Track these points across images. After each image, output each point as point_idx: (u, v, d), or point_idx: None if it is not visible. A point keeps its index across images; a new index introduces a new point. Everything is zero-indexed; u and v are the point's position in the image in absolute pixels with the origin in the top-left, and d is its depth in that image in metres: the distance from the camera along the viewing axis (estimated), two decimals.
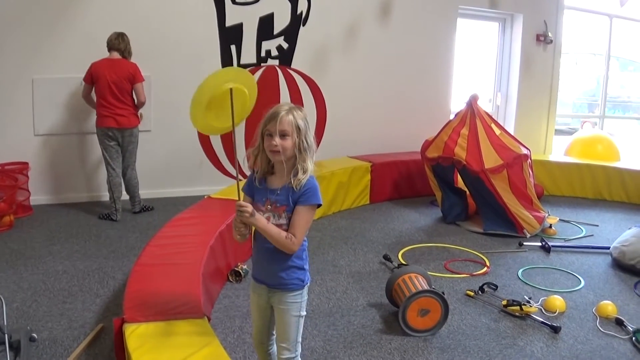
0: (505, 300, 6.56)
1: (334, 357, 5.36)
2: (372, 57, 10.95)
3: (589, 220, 10.29)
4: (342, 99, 10.70)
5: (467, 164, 8.88)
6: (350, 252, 7.85)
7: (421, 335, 5.83)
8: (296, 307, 3.98)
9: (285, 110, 3.71)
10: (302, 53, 10.43)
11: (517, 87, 12.76)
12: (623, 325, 6.46)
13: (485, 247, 8.44)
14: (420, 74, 11.47)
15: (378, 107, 11.08)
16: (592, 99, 15.58)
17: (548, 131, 13.21)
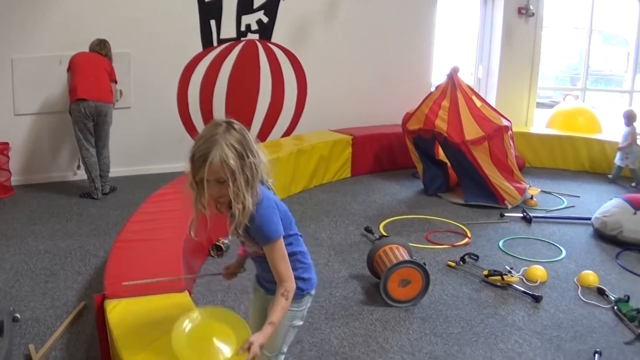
0: (487, 271, 6.60)
1: (315, 329, 5.39)
2: (352, 30, 10.91)
3: (570, 191, 10.33)
4: (322, 73, 10.68)
5: (448, 135, 8.88)
6: (332, 225, 7.86)
7: (402, 305, 5.88)
8: (292, 315, 3.72)
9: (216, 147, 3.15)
10: (283, 27, 10.39)
11: (498, 59, 12.74)
12: (605, 294, 6.50)
13: (466, 218, 8.47)
14: (402, 46, 11.45)
15: (359, 80, 11.06)
16: (574, 72, 15.61)
17: (529, 103, 13.22)
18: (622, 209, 8.11)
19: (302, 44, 10.53)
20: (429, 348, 5.24)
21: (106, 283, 4.64)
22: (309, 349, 5.09)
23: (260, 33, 10.28)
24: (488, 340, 5.47)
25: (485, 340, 5.46)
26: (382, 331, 5.45)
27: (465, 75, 11.93)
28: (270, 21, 10.26)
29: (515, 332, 5.64)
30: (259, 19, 10.23)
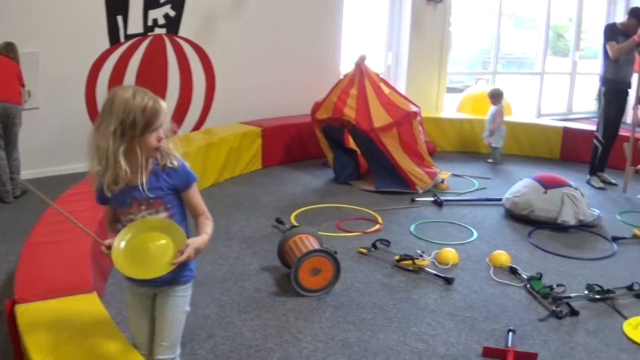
0: (398, 256, 6.62)
1: (228, 323, 5.35)
2: (260, 21, 10.84)
3: (481, 174, 10.45)
4: (231, 65, 10.60)
5: (356, 123, 8.88)
6: (243, 218, 7.79)
7: (315, 294, 5.86)
8: (185, 301, 3.78)
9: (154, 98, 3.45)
10: (190, 20, 10.27)
11: (407, 46, 12.78)
12: (517, 273, 6.59)
13: (377, 205, 8.47)
14: (310, 36, 11.42)
15: (268, 71, 11.01)
16: (486, 56, 15.74)
17: (439, 89, 13.29)
18: (533, 188, 8.23)
19: (209, 37, 10.43)
20: (342, 335, 5.23)
21: (16, 287, 4.54)
22: (222, 343, 5.03)
23: (168, 27, 10.16)
24: (401, 324, 5.48)
25: (398, 324, 5.47)
26: (294, 321, 5.42)
27: (375, 63, 11.96)
28: (177, 15, 10.15)
29: (428, 315, 5.66)
30: (165, 13, 10.10)
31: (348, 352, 4.99)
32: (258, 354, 4.90)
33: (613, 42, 9.75)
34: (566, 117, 15.71)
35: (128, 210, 3.51)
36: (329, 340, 5.14)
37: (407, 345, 5.15)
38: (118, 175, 3.36)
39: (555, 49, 19.04)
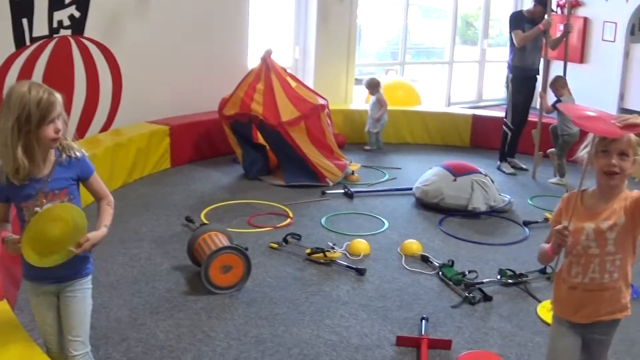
0: (309, 249, 6.63)
1: (141, 325, 5.30)
2: (165, 18, 10.70)
3: (392, 164, 10.49)
4: (137, 64, 10.45)
5: (264, 118, 8.85)
6: (153, 218, 7.70)
7: (226, 292, 5.85)
8: (90, 293, 3.85)
9: (49, 91, 3.49)
10: (95, 21, 10.10)
11: (314, 40, 12.75)
12: (429, 261, 6.66)
13: (288, 199, 8.45)
14: (216, 32, 11.32)
15: (174, 69, 10.87)
16: (395, 47, 15.77)
17: (348, 81, 13.28)
18: (442, 176, 8.31)
19: (114, 37, 10.27)
20: (255, 332, 5.24)
21: None
22: (135, 345, 4.99)
23: (73, 28, 9.98)
24: (314, 317, 5.50)
25: (311, 318, 5.50)
26: (207, 320, 5.40)
27: (283, 57, 11.93)
28: (82, 16, 9.97)
29: (341, 307, 5.69)
30: (70, 14, 9.91)
31: (262, 348, 5.00)
32: (171, 355, 4.88)
33: (519, 31, 9.87)
34: (476, 104, 15.86)
35: (34, 204, 3.52)
36: (242, 337, 5.14)
37: (320, 338, 5.18)
38: (18, 169, 3.42)
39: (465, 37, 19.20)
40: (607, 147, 3.46)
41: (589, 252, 3.57)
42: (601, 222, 3.53)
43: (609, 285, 3.58)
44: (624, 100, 14.82)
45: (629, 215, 3.47)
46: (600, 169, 3.50)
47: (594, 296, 3.61)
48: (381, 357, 4.98)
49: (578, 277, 3.62)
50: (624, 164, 3.46)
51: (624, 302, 3.64)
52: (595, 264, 3.56)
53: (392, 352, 5.06)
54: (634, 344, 5.32)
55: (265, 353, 4.93)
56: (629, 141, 3.45)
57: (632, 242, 3.57)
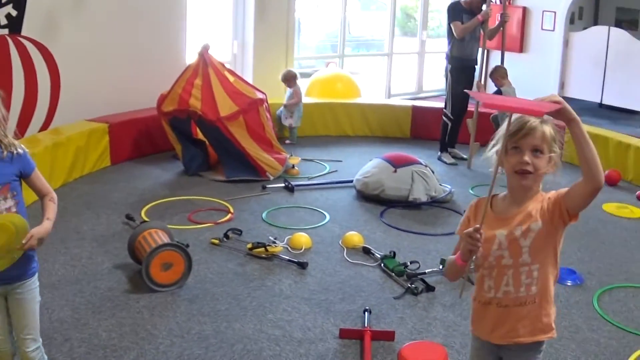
0: (251, 244, 6.64)
1: (83, 325, 5.27)
2: (102, 16, 10.61)
3: (333, 157, 10.52)
4: (75, 63, 10.36)
5: (202, 114, 8.82)
6: (94, 217, 7.65)
7: (168, 289, 5.84)
8: (38, 292, 3.90)
9: None
10: (32, 19, 10.00)
11: (252, 34, 12.75)
12: (371, 253, 6.70)
13: (229, 194, 8.45)
14: (153, 28, 11.25)
15: (113, 66, 10.79)
16: (335, 40, 15.80)
17: None
18: (382, 168, 8.35)
19: (52, 35, 10.17)
20: (197, 328, 5.25)
21: None
22: (78, 345, 4.97)
23: (10, 27, 9.87)
24: (257, 312, 5.53)
25: (253, 312, 5.52)
26: (149, 318, 5.40)
27: (221, 52, 11.90)
28: (19, 14, 9.86)
29: (283, 301, 5.72)
30: (7, 13, 9.81)
31: (205, 345, 5.01)
32: (115, 354, 4.87)
33: (457, 22, 9.97)
34: (416, 96, 15.97)
35: None
36: (184, 334, 5.15)
37: (263, 333, 5.20)
38: None
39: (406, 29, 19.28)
40: (518, 143, 3.11)
41: (501, 262, 3.19)
42: (514, 228, 3.15)
43: (526, 300, 3.19)
44: (565, 89, 15.06)
45: (546, 219, 3.11)
46: (511, 169, 3.14)
47: (510, 313, 3.22)
48: (324, 350, 5.02)
49: (491, 291, 3.25)
50: (538, 161, 3.11)
51: (546, 321, 3.24)
52: (508, 275, 3.19)
53: (335, 345, 5.10)
54: (578, 330, 5.43)
55: (209, 349, 4.95)
56: (543, 136, 3.12)
57: (553, 251, 3.20)
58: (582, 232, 7.63)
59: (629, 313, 5.80)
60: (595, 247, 7.29)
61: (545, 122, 3.18)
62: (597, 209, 8.45)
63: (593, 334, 5.39)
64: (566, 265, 6.55)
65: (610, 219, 8.19)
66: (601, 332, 5.43)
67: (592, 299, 5.96)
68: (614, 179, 9.55)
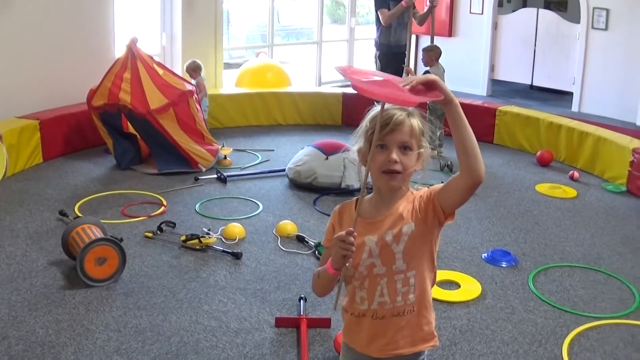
0: (184, 236, 6.67)
1: (20, 322, 5.28)
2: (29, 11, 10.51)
3: (265, 146, 10.56)
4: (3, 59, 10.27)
5: (132, 107, 8.80)
6: (27, 214, 7.61)
7: (103, 284, 5.86)
8: None
9: None
10: None
11: (180, 26, 12.73)
12: (305, 241, 6.77)
13: (162, 187, 8.47)
14: (80, 22, 11.18)
15: (41, 62, 10.70)
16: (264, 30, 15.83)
17: (217, 66, 13.28)
18: (314, 156, 8.42)
19: None
20: (134, 322, 5.29)
21: None
22: (16, 343, 4.98)
23: None
24: (192, 304, 5.58)
25: (189, 304, 5.57)
26: (85, 313, 5.42)
27: (150, 45, 11.88)
28: None
29: (219, 292, 5.78)
30: None
31: (141, 338, 5.06)
32: (52, 350, 4.89)
33: (384, 9, 10.07)
34: (347, 83, 15.97)
35: None
36: (121, 329, 5.19)
37: (199, 325, 5.27)
38: None
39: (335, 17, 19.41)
40: (384, 140, 2.80)
41: (373, 271, 2.90)
42: (385, 233, 2.86)
43: (404, 309, 2.92)
44: (495, 72, 15.29)
45: (419, 219, 2.83)
46: (378, 169, 2.83)
47: (388, 324, 2.94)
48: (261, 339, 5.09)
49: (364, 303, 2.95)
50: (407, 159, 2.82)
51: (427, 330, 3.00)
52: (382, 285, 2.90)
53: (272, 333, 5.18)
54: (514, 311, 5.57)
55: (146, 342, 4.99)
56: (412, 130, 2.83)
57: (429, 254, 2.94)
58: (515, 213, 7.80)
59: (564, 292, 5.94)
60: (529, 227, 7.44)
61: (413, 114, 2.87)
62: (530, 189, 8.67)
63: (529, 314, 5.52)
64: (500, 247, 6.73)
65: (543, 200, 8.37)
66: (538, 313, 5.56)
67: (527, 280, 6.10)
68: (547, 160, 9.74)
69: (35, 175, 8.99)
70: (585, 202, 8.32)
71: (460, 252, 6.61)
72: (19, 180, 8.80)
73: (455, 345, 5.04)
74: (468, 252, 6.65)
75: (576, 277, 6.23)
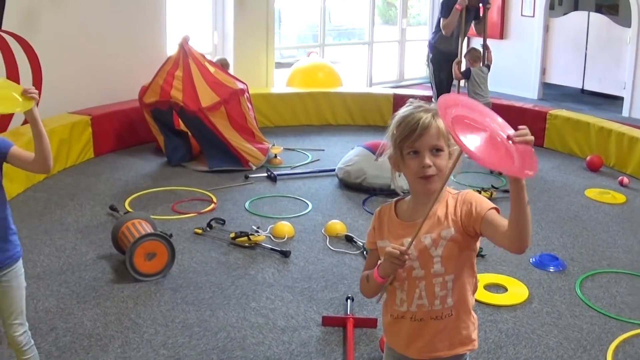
0: (233, 233, 6.67)
1: (68, 314, 5.32)
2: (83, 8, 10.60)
3: (315, 146, 10.56)
4: (57, 55, 10.36)
5: (184, 105, 8.85)
6: (77, 208, 7.68)
7: (152, 279, 5.88)
8: (23, 277, 3.93)
9: None
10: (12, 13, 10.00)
11: (232, 25, 12.76)
12: (353, 241, 6.74)
13: (211, 185, 8.50)
14: (133, 20, 11.26)
15: (94, 58, 10.79)
16: (316, 30, 15.83)
17: (268, 65, 13.31)
18: (364, 156, 8.38)
19: (33, 29, 10.16)
20: (181, 317, 5.30)
21: None
22: (64, 335, 5.02)
23: None
24: (240, 301, 5.58)
25: (237, 301, 5.57)
26: (134, 307, 5.44)
27: (202, 43, 11.93)
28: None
29: (266, 290, 5.77)
30: None
31: (189, 333, 5.06)
32: (99, 343, 4.92)
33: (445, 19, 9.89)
34: (398, 84, 16.00)
35: None
36: (169, 323, 5.20)
37: (246, 321, 5.26)
38: None
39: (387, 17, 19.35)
40: (414, 146, 2.80)
41: (412, 274, 2.90)
42: (422, 237, 2.84)
43: (442, 313, 2.91)
44: (546, 75, 15.10)
45: (459, 227, 2.81)
46: (413, 175, 2.83)
47: (426, 327, 2.93)
48: (307, 337, 5.08)
49: (403, 305, 2.95)
50: (440, 161, 2.80)
51: (465, 334, 2.97)
52: (421, 288, 2.89)
53: (318, 332, 5.16)
54: (560, 316, 5.50)
55: (192, 337, 5.00)
56: (439, 131, 2.79)
57: (468, 259, 2.92)
58: (564, 218, 7.71)
59: (611, 299, 5.85)
60: (577, 233, 7.33)
61: (436, 114, 2.81)
62: (580, 194, 8.55)
63: (575, 319, 5.45)
64: (549, 251, 6.64)
65: (592, 205, 8.25)
66: (583, 318, 5.48)
67: (574, 285, 6.02)
68: (596, 165, 9.61)
69: (86, 170, 9.06)
70: (634, 208, 8.20)
71: (508, 256, 6.52)
72: (70, 174, 8.87)
73: (500, 349, 4.99)
74: (516, 256, 6.55)
75: (623, 284, 6.13)
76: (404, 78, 16.46)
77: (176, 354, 4.82)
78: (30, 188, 8.28)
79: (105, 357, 4.77)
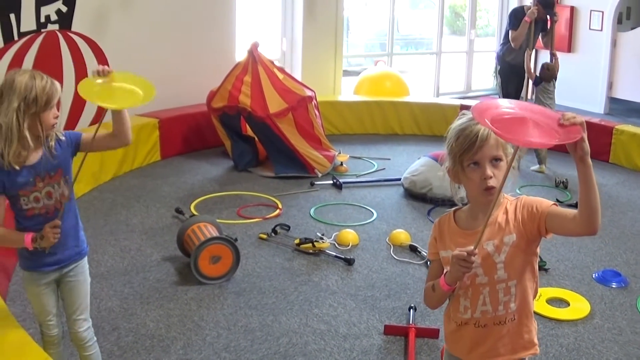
0: (298, 239, 6.68)
1: (131, 315, 5.36)
2: (152, 11, 10.71)
3: (381, 155, 10.53)
4: (125, 58, 10.43)
5: (252, 110, 8.88)
6: (143, 210, 7.75)
7: (216, 282, 5.90)
8: (88, 273, 3.97)
9: (51, 79, 3.71)
10: (82, 15, 10.12)
11: (301, 32, 12.80)
12: (417, 251, 6.70)
13: (277, 190, 8.52)
14: (203, 24, 11.34)
15: (162, 62, 10.88)
16: (383, 38, 15.80)
17: (336, 72, 13.32)
18: (430, 166, 8.32)
19: (102, 30, 10.28)
20: (244, 321, 5.30)
21: None
22: (126, 335, 5.06)
23: (60, 23, 10.00)
24: (303, 307, 5.56)
25: (300, 307, 5.55)
26: (197, 309, 5.46)
27: (270, 49, 11.96)
28: (69, 10, 9.98)
29: (329, 297, 5.74)
30: (58, 9, 9.93)
31: (251, 337, 5.06)
32: (161, 344, 4.94)
33: (514, 30, 9.82)
34: (465, 95, 15.89)
35: (32, 189, 3.61)
36: (231, 327, 5.20)
37: (309, 327, 5.24)
38: (22, 149, 3.52)
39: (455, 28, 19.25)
40: (474, 158, 2.82)
41: (476, 281, 2.92)
42: (485, 244, 2.86)
43: (505, 318, 2.94)
44: (613, 90, 14.88)
45: (522, 231, 2.84)
46: (476, 188, 2.85)
47: (489, 332, 2.96)
48: (369, 345, 5.04)
49: (467, 312, 2.98)
50: (499, 171, 2.83)
51: (527, 338, 3.00)
52: (484, 294, 2.92)
53: (380, 341, 5.12)
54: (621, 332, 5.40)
55: (254, 342, 5.00)
56: (498, 142, 2.82)
57: (530, 263, 2.94)
58: (628, 234, 7.57)
59: None
60: None
61: None
62: None
63: (636, 336, 5.34)
64: (611, 267, 6.52)
65: None
66: None
67: (636, 302, 5.90)
68: None
69: (153, 173, 9.14)
70: None
71: (571, 271, 6.43)
72: (136, 176, 8.95)
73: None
74: (579, 271, 6.46)
75: None
76: (471, 89, 16.34)
77: (238, 357, 4.81)
78: (96, 188, 8.38)
79: (167, 358, 4.79)
